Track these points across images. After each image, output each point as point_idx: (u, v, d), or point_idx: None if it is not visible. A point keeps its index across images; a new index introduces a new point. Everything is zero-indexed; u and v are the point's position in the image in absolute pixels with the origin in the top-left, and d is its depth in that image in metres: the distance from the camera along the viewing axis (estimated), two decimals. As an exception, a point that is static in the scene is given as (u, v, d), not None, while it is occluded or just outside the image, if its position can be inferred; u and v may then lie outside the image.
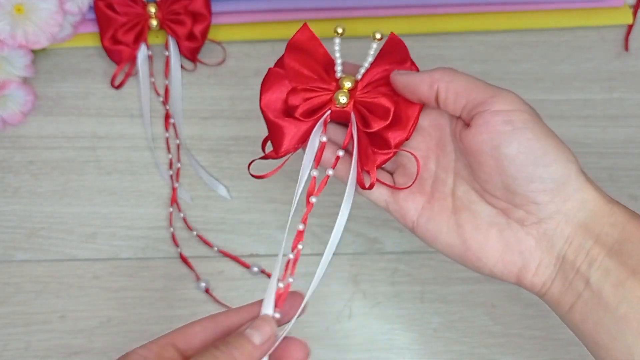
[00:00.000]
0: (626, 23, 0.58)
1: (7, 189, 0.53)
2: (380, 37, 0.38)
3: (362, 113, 0.38)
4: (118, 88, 0.55)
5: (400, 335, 0.51)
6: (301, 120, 0.39)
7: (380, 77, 0.39)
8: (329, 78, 0.39)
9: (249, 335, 0.34)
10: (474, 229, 0.37)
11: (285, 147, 0.39)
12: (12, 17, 0.50)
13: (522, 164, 0.34)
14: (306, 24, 0.39)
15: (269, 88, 0.39)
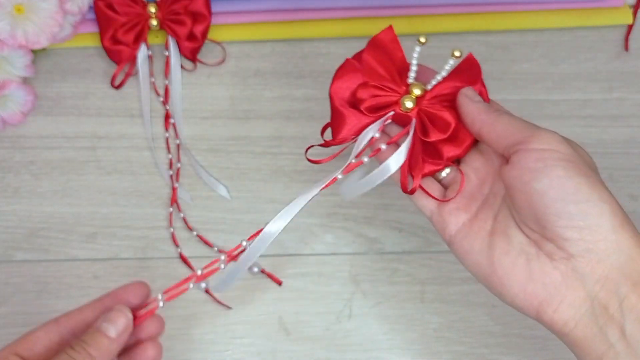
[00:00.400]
0: (626, 23, 0.58)
1: (7, 189, 0.53)
2: (459, 55, 0.39)
3: (424, 121, 0.39)
4: (118, 88, 0.55)
5: (400, 335, 0.51)
6: (364, 114, 0.40)
7: (449, 93, 0.40)
8: (401, 82, 0.40)
9: (104, 329, 0.36)
10: (504, 253, 0.37)
11: (343, 135, 0.40)
12: (12, 17, 0.50)
13: (552, 199, 0.34)
14: (391, 26, 0.41)
15: (342, 76, 0.40)
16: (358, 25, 0.57)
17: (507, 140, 0.36)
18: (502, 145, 0.37)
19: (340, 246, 0.53)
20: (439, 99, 0.40)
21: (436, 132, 0.39)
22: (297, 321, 0.51)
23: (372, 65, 0.40)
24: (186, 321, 0.51)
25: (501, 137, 0.37)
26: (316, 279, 0.52)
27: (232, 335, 0.51)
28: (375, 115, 0.40)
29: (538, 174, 0.34)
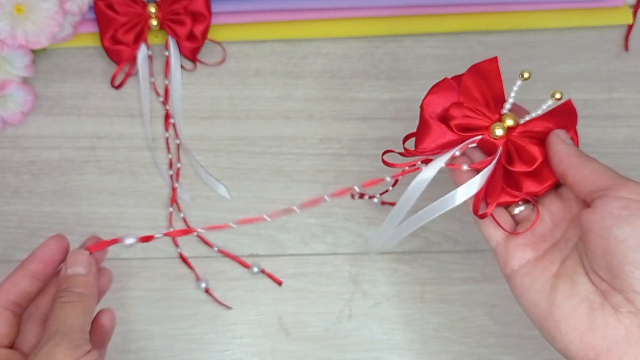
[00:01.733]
0: (626, 23, 0.58)
1: (7, 189, 0.53)
2: (559, 97, 0.39)
3: (510, 151, 0.39)
4: (118, 88, 0.55)
5: (400, 335, 0.51)
6: (452, 130, 0.39)
7: (540, 131, 0.40)
8: (495, 110, 0.40)
9: (73, 272, 0.39)
10: (566, 297, 0.36)
11: (425, 146, 0.40)
12: (12, 17, 0.50)
13: (631, 248, 0.33)
14: (496, 57, 0.42)
15: (437, 92, 0.41)
16: (358, 25, 0.57)
17: (592, 185, 0.36)
18: (586, 189, 0.36)
19: (340, 246, 0.53)
20: (529, 134, 0.40)
21: (521, 164, 0.39)
22: (297, 321, 0.51)
23: (469, 89, 0.40)
24: (186, 321, 0.51)
25: (587, 181, 0.36)
26: (316, 279, 0.52)
27: (232, 335, 0.51)
28: (463, 134, 0.40)
29: (621, 221, 0.33)
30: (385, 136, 0.55)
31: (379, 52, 0.57)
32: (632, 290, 0.33)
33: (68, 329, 0.36)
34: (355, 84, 0.56)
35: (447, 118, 0.40)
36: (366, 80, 0.56)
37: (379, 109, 0.56)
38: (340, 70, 0.57)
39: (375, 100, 0.56)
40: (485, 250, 0.53)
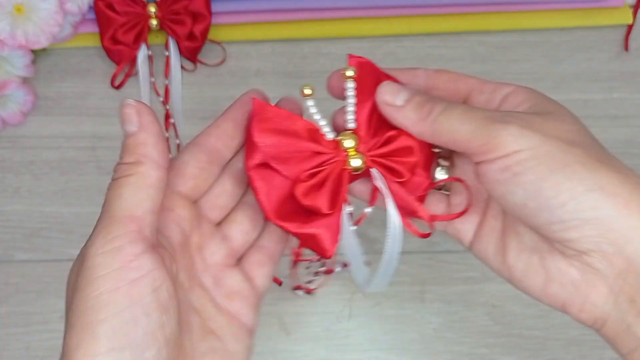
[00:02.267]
0: (626, 23, 0.58)
1: (7, 189, 0.53)
2: (352, 73, 0.33)
3: (384, 164, 0.34)
4: (118, 88, 0.55)
5: (400, 335, 0.51)
6: (328, 214, 0.33)
7: (371, 110, 0.34)
8: (324, 145, 0.33)
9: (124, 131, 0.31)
10: (517, 253, 0.33)
11: (331, 248, 0.34)
12: (12, 17, 0.50)
13: (534, 210, 0.30)
14: (254, 99, 0.34)
15: (270, 198, 0.33)
16: (358, 25, 0.57)
17: (461, 148, 0.31)
18: (460, 151, 0.32)
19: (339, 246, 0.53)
20: (373, 126, 0.34)
21: (405, 164, 0.33)
22: (297, 321, 0.51)
23: (281, 157, 0.33)
24: (186, 321, 0.51)
25: (452, 146, 0.32)
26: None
27: (232, 335, 0.51)
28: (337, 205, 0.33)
29: (509, 186, 0.30)
30: (385, 136, 0.55)
31: (379, 52, 0.57)
32: (563, 240, 0.30)
33: (109, 219, 0.29)
34: (355, 84, 0.56)
35: (314, 210, 0.33)
36: (366, 80, 0.56)
37: (379, 109, 0.56)
38: (340, 70, 0.57)
39: (375, 100, 0.56)
40: (485, 250, 0.53)
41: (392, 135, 0.33)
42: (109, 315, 0.27)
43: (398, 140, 0.33)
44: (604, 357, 0.51)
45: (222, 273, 0.34)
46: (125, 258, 0.28)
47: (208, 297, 0.34)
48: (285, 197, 0.33)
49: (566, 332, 0.52)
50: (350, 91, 0.33)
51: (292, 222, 0.33)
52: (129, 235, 0.29)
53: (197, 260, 0.34)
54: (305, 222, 0.33)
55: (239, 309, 0.34)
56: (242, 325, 0.34)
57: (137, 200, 0.29)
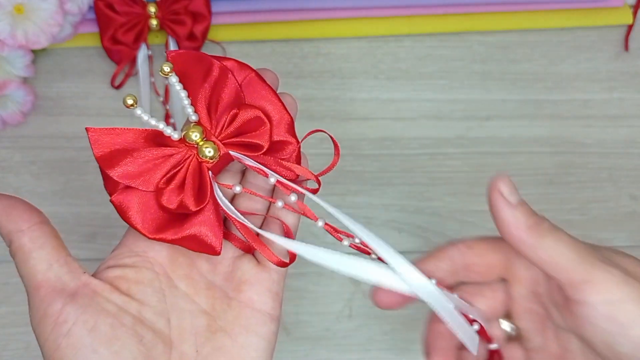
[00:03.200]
0: (626, 23, 0.58)
1: (7, 189, 0.53)
2: (168, 69, 0.32)
3: (239, 143, 0.33)
4: (118, 88, 0.55)
5: (400, 335, 0.51)
6: (199, 209, 0.32)
7: (210, 95, 0.33)
8: (172, 146, 0.33)
9: None
10: None
11: (218, 242, 0.33)
12: (12, 17, 0.50)
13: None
14: (87, 129, 0.32)
15: (143, 217, 0.32)
16: (358, 25, 0.57)
17: (557, 275, 0.30)
18: (553, 276, 0.31)
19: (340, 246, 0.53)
20: (213, 110, 0.33)
21: (261, 135, 0.33)
22: (297, 321, 0.51)
23: (134, 173, 0.32)
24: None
25: (548, 268, 0.31)
26: (316, 279, 0.52)
27: (232, 335, 0.51)
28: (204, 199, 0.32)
29: (616, 337, 0.29)
30: (385, 136, 0.55)
31: (379, 52, 0.57)
32: None
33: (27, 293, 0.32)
34: (355, 84, 0.56)
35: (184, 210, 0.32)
36: (366, 80, 0.56)
37: (379, 109, 0.56)
38: (340, 70, 0.57)
39: (375, 100, 0.56)
40: (485, 250, 0.53)
41: (234, 112, 0.33)
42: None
43: (241, 114, 0.33)
44: (604, 357, 0.52)
45: (232, 266, 0.34)
46: (52, 319, 0.30)
47: (218, 296, 0.33)
48: (156, 210, 0.32)
49: (566, 332, 0.52)
50: (176, 85, 0.32)
51: (168, 231, 0.32)
52: (44, 300, 0.30)
53: (200, 263, 0.34)
54: (181, 227, 0.32)
55: (250, 296, 0.34)
56: (256, 313, 0.33)
57: (30, 272, 0.31)
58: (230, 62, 0.33)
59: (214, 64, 0.33)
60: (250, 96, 0.33)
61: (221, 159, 0.33)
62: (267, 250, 0.33)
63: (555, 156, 0.55)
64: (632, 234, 0.54)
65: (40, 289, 0.31)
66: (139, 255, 0.33)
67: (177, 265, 0.33)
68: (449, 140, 0.55)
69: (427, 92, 0.56)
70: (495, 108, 0.56)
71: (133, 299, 0.32)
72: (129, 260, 0.33)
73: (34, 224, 0.32)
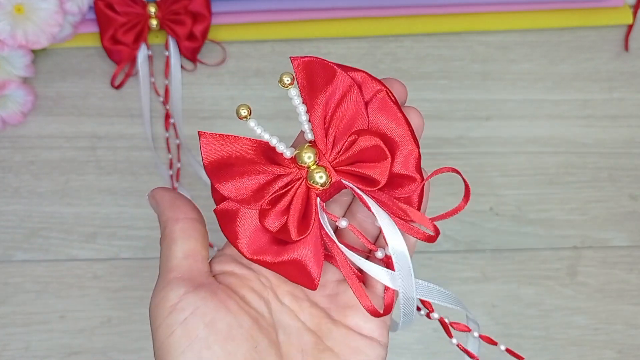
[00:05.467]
0: (626, 23, 0.58)
1: (7, 189, 0.53)
2: (290, 80, 0.29)
3: (354, 173, 0.30)
4: (118, 88, 0.55)
5: (400, 335, 0.51)
6: (301, 239, 0.30)
7: (331, 114, 0.30)
8: (285, 166, 0.31)
9: None
10: None
11: (317, 276, 0.31)
12: (12, 17, 0.50)
13: None
14: (200, 132, 0.31)
15: (239, 233, 0.31)
16: (358, 25, 0.57)
17: None
18: None
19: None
20: (332, 132, 0.30)
21: (378, 167, 0.30)
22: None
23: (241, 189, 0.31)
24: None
25: None
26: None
27: (232, 335, 0.51)
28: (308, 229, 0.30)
29: None
30: (385, 136, 0.55)
31: (379, 52, 0.57)
32: None
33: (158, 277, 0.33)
34: (355, 84, 0.56)
35: (285, 238, 0.31)
36: (366, 80, 0.56)
37: (379, 109, 0.56)
38: (340, 70, 0.57)
39: (375, 100, 0.56)
40: (486, 250, 0.53)
41: (352, 138, 0.30)
42: (174, 358, 0.29)
43: (360, 141, 0.30)
44: (604, 357, 0.52)
45: (336, 289, 0.34)
46: (170, 303, 0.30)
47: (323, 315, 0.33)
48: (258, 230, 0.31)
49: (566, 332, 0.52)
50: (295, 100, 0.30)
51: (268, 254, 0.31)
52: (169, 284, 0.31)
53: None
54: (282, 251, 0.31)
55: (356, 322, 0.33)
56: (363, 338, 0.33)
57: (169, 255, 0.32)
58: (360, 74, 0.30)
59: (338, 76, 0.30)
60: (377, 119, 0.30)
61: (331, 186, 0.30)
62: (363, 295, 0.30)
63: (555, 156, 0.55)
64: (632, 234, 0.54)
65: (170, 273, 0.31)
66: (245, 266, 0.33)
67: (282, 280, 0.33)
68: (449, 140, 0.55)
69: (427, 92, 0.56)
70: (495, 108, 0.56)
71: (249, 305, 0.32)
72: (236, 268, 0.33)
73: (189, 217, 0.33)
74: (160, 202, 0.34)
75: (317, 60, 0.30)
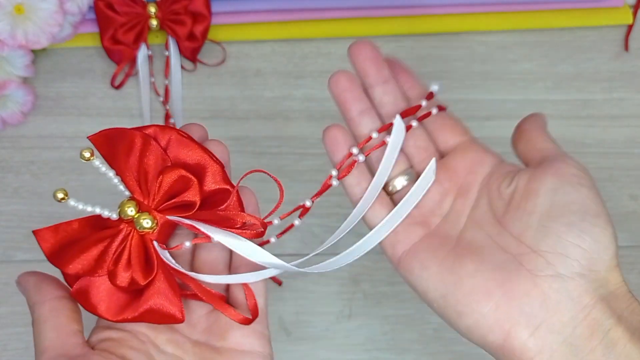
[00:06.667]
0: (626, 23, 0.58)
1: (7, 189, 0.53)
2: (89, 155, 0.33)
3: (173, 205, 0.33)
4: (118, 88, 0.55)
5: (400, 335, 0.51)
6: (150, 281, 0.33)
7: (138, 167, 0.34)
8: (113, 228, 0.34)
9: None
10: (473, 271, 0.33)
11: (178, 309, 0.33)
12: (12, 17, 0.50)
13: (571, 211, 0.32)
14: (34, 231, 0.35)
15: (97, 302, 0.33)
16: (358, 25, 0.57)
17: (545, 151, 0.36)
18: (539, 154, 0.36)
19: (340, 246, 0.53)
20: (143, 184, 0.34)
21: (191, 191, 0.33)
22: (297, 321, 0.51)
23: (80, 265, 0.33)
24: (186, 321, 0.51)
25: (540, 149, 0.37)
26: (316, 279, 0.52)
27: (232, 335, 0.51)
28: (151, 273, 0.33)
29: (571, 185, 0.33)
30: (385, 136, 0.55)
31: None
32: (558, 252, 0.32)
33: None
34: (355, 84, 0.56)
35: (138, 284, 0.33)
36: (366, 80, 0.56)
37: (379, 109, 0.56)
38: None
39: (375, 100, 0.56)
40: (485, 250, 0.53)
41: (159, 179, 0.33)
42: None
43: (166, 177, 0.33)
44: (604, 357, 0.51)
45: (211, 319, 0.35)
46: None
47: (206, 348, 0.35)
48: (115, 292, 0.33)
49: (566, 332, 0.52)
50: (102, 168, 0.34)
51: (128, 310, 0.33)
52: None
53: (178, 326, 0.35)
54: (139, 303, 0.33)
55: (236, 341, 0.35)
56: (246, 355, 0.35)
57: (40, 337, 0.33)
58: (152, 128, 0.34)
59: (135, 136, 0.33)
60: (178, 155, 0.33)
61: (163, 226, 0.33)
62: (229, 310, 0.33)
63: (555, 156, 0.55)
64: (632, 234, 0.54)
65: (45, 353, 0.32)
66: (119, 329, 0.34)
67: (158, 331, 0.34)
68: (449, 140, 0.55)
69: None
70: (495, 108, 0.56)
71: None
72: (113, 333, 0.34)
73: (56, 297, 0.34)
74: (26, 286, 0.35)
75: (112, 130, 0.34)
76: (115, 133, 0.34)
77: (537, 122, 0.38)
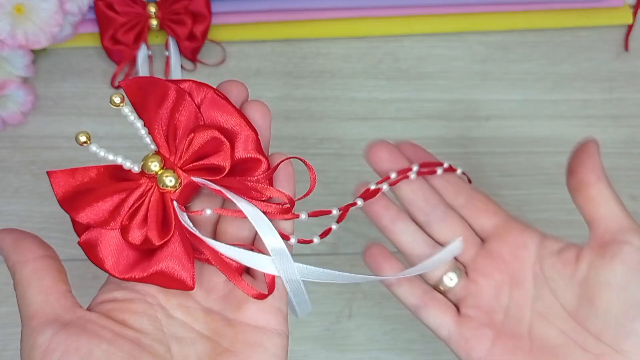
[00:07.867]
0: (626, 23, 0.58)
1: (7, 189, 0.53)
2: (119, 100, 0.32)
3: (200, 167, 0.32)
4: (118, 88, 0.55)
5: (400, 335, 0.51)
6: (164, 242, 0.31)
7: (167, 122, 0.32)
8: (133, 181, 0.32)
9: None
10: None
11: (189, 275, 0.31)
12: (12, 17, 0.50)
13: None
14: (48, 172, 0.33)
15: (105, 256, 0.31)
16: (358, 25, 0.57)
17: (610, 225, 0.34)
18: (604, 227, 0.35)
19: (340, 246, 0.53)
20: (172, 139, 0.32)
21: (221, 155, 0.31)
22: (297, 321, 0.51)
23: (99, 214, 0.31)
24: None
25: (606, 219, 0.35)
26: (316, 279, 0.52)
27: (232, 335, 0.51)
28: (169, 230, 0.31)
29: None
30: (385, 136, 0.55)
31: (379, 52, 0.57)
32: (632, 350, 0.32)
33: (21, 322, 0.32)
34: (355, 84, 0.56)
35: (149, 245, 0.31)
36: (366, 80, 0.56)
37: (379, 109, 0.56)
38: (340, 70, 0.57)
39: (375, 100, 0.56)
40: (485, 250, 0.53)
41: (190, 137, 0.31)
42: None
43: (197, 137, 0.31)
44: (604, 357, 0.51)
45: (227, 287, 0.33)
46: (41, 349, 0.29)
47: (219, 319, 0.33)
48: (125, 249, 0.31)
49: (566, 332, 0.52)
50: (130, 116, 0.31)
51: (137, 269, 0.31)
52: (35, 331, 0.30)
53: (193, 291, 0.33)
54: (150, 263, 0.31)
55: (251, 315, 0.33)
56: (260, 330, 0.33)
57: (26, 302, 0.31)
58: (187, 83, 0.32)
59: (169, 88, 0.31)
60: (211, 116, 0.32)
61: (186, 187, 0.32)
62: (243, 284, 0.31)
63: (555, 156, 0.55)
64: (632, 234, 0.54)
65: (33, 319, 0.30)
66: (128, 288, 0.32)
67: (170, 295, 0.32)
68: (449, 140, 0.55)
69: (427, 92, 0.56)
70: (495, 108, 0.56)
71: (129, 327, 0.30)
72: (119, 294, 0.32)
73: (38, 256, 0.32)
74: (2, 245, 0.32)
75: (145, 78, 0.32)
76: (149, 82, 0.32)
77: (594, 168, 0.37)
